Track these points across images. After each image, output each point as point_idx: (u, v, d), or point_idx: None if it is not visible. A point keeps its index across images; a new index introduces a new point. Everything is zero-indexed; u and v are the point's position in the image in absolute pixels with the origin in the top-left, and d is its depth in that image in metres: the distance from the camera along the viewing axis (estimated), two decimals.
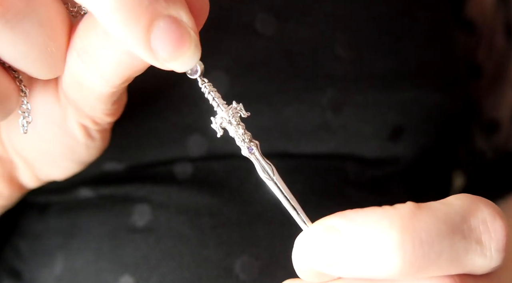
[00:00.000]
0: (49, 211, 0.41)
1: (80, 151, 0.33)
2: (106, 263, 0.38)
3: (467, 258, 0.26)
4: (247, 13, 0.40)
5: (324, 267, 0.26)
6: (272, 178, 0.28)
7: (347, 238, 0.26)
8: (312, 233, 0.26)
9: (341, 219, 0.26)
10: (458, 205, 0.26)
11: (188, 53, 0.25)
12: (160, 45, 0.25)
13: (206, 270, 0.38)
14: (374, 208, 0.26)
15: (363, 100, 0.41)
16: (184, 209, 0.39)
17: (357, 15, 0.42)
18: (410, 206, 0.26)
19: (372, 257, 0.25)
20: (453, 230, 0.25)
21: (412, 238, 0.25)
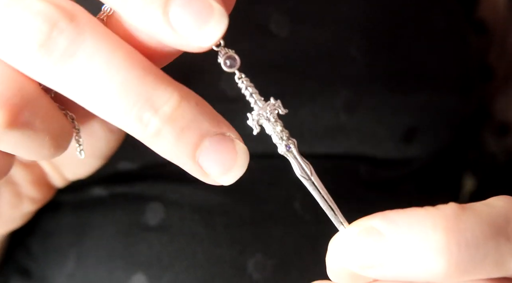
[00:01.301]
0: (61, 210, 0.41)
1: (102, 146, 0.33)
2: (118, 261, 0.39)
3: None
4: (262, 15, 0.40)
5: (363, 270, 0.26)
6: (310, 177, 0.28)
7: (388, 239, 0.25)
8: (351, 234, 0.26)
9: (382, 220, 0.25)
10: (500, 206, 0.26)
11: (211, 23, 0.25)
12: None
13: (219, 269, 0.38)
14: (416, 209, 0.25)
15: (377, 102, 0.41)
16: (197, 208, 0.39)
17: (371, 18, 0.42)
18: (453, 206, 0.25)
19: (415, 259, 0.25)
20: (498, 232, 0.25)
21: (458, 240, 0.24)
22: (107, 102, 0.24)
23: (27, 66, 0.25)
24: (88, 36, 0.24)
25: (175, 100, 0.25)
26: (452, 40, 0.45)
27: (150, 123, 0.24)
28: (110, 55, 0.24)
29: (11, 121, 0.24)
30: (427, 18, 0.44)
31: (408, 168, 0.43)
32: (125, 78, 0.24)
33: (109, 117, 0.25)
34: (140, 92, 0.24)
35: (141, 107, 0.24)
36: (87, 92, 0.24)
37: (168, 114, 0.24)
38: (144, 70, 0.25)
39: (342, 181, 0.41)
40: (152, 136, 0.25)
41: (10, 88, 0.24)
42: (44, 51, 0.24)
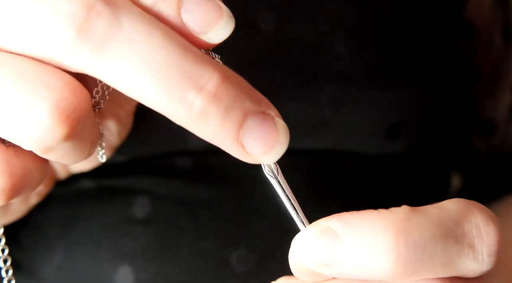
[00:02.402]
0: (49, 201, 0.41)
1: (113, 139, 0.34)
2: (105, 253, 0.39)
3: (460, 262, 0.26)
4: (249, 10, 0.40)
5: (320, 268, 0.26)
6: (276, 176, 0.28)
7: (343, 239, 0.26)
8: (309, 234, 0.27)
9: (338, 221, 0.26)
10: (452, 210, 0.27)
11: (221, 23, 0.25)
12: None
13: (203, 261, 0.38)
14: (369, 211, 0.26)
15: (361, 98, 0.41)
16: (183, 202, 0.39)
17: (357, 14, 0.42)
18: (405, 209, 0.26)
19: (367, 259, 0.25)
20: (447, 234, 0.26)
21: (406, 241, 0.25)
22: (149, 84, 0.23)
23: (65, 56, 0.24)
24: (125, 17, 0.23)
25: (218, 78, 0.24)
26: (436, 38, 0.45)
27: (194, 103, 0.24)
28: (149, 35, 0.23)
29: (69, 134, 0.24)
30: (412, 16, 0.44)
31: (393, 164, 0.44)
32: (166, 57, 0.23)
33: (152, 101, 0.24)
34: (182, 71, 0.23)
35: (185, 86, 0.23)
36: (129, 76, 0.23)
37: (212, 93, 0.24)
38: (184, 48, 0.24)
39: (326, 176, 0.41)
40: (196, 117, 0.24)
41: (71, 102, 0.24)
42: (82, 37, 0.23)
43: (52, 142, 0.24)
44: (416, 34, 0.44)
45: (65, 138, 0.24)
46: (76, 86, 0.24)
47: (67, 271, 0.40)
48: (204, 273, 0.38)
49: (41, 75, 0.24)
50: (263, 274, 0.38)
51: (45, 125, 0.24)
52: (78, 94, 0.24)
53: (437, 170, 0.48)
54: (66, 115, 0.24)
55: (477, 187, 0.56)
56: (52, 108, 0.23)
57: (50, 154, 0.25)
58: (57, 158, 0.26)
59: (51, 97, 0.24)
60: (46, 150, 0.25)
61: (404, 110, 0.42)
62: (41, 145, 0.24)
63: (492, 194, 0.53)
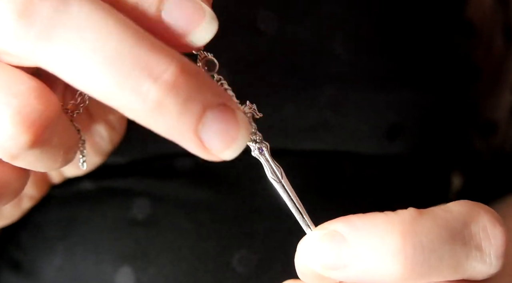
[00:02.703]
0: (50, 203, 0.41)
1: (104, 144, 0.34)
2: (105, 254, 0.39)
3: (467, 264, 0.26)
4: (249, 12, 0.40)
5: (326, 271, 0.26)
6: (280, 180, 0.28)
7: (349, 243, 0.26)
8: (316, 237, 0.26)
9: (344, 224, 0.26)
10: (458, 212, 0.26)
11: (203, 25, 0.24)
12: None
13: (204, 263, 0.38)
14: (376, 214, 0.26)
15: (361, 99, 0.41)
16: (183, 203, 0.39)
17: (357, 16, 0.42)
18: (411, 211, 0.26)
19: (374, 262, 0.25)
20: (454, 236, 0.26)
21: (413, 244, 0.25)
22: (99, 73, 0.22)
23: (8, 43, 0.22)
24: (74, 2, 0.22)
25: (176, 67, 0.22)
26: (436, 38, 0.45)
27: (149, 94, 0.22)
28: (100, 20, 0.22)
29: (35, 141, 0.23)
30: (412, 17, 0.44)
31: (393, 165, 0.44)
32: (118, 45, 0.22)
33: (102, 93, 0.22)
34: (136, 60, 0.22)
35: (138, 76, 0.22)
36: (78, 65, 0.22)
37: (170, 83, 0.22)
38: (139, 36, 0.22)
39: (326, 178, 0.41)
40: (152, 109, 0.22)
41: (36, 108, 0.23)
42: (25, 21, 0.22)
43: (16, 149, 0.23)
44: (415, 35, 0.44)
45: (30, 145, 0.23)
46: (43, 91, 0.23)
47: (68, 272, 0.40)
48: (205, 275, 0.38)
49: (4, 80, 0.23)
50: (265, 276, 0.38)
51: (8, 132, 0.23)
52: (44, 99, 0.23)
53: (437, 171, 0.48)
54: (30, 122, 0.23)
55: (477, 188, 0.56)
56: (15, 115, 0.23)
57: (18, 161, 0.24)
58: (27, 165, 0.25)
59: (14, 102, 0.23)
60: (12, 157, 0.24)
61: (404, 111, 0.42)
62: (6, 152, 0.24)
63: (492, 194, 0.53)
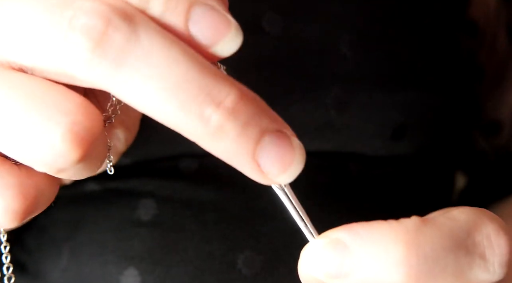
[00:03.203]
0: (55, 204, 0.41)
1: (119, 145, 0.34)
2: (111, 255, 0.39)
3: (471, 273, 0.26)
4: (254, 12, 0.41)
5: (330, 279, 0.26)
6: (283, 188, 0.28)
7: (352, 251, 0.26)
8: (319, 245, 0.27)
9: (347, 232, 0.26)
10: (462, 220, 0.26)
11: (229, 36, 0.25)
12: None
13: (209, 264, 0.38)
14: (379, 222, 0.26)
15: (367, 99, 0.41)
16: (188, 204, 0.39)
17: (362, 16, 0.42)
18: (415, 220, 0.26)
19: (377, 271, 0.25)
20: (458, 245, 0.26)
21: (417, 253, 0.25)
22: (166, 99, 0.23)
23: (81, 71, 0.23)
24: (143, 32, 0.23)
25: (236, 94, 0.24)
26: (441, 39, 0.45)
27: (211, 119, 0.23)
28: (167, 50, 0.23)
29: (83, 156, 0.24)
30: (417, 17, 0.44)
31: (398, 166, 0.44)
32: (184, 73, 0.23)
33: (168, 117, 0.24)
34: (200, 87, 0.23)
35: (202, 101, 0.23)
36: (146, 91, 0.23)
37: (230, 109, 0.23)
38: (202, 64, 0.24)
39: (332, 178, 0.42)
40: (213, 133, 0.23)
41: (85, 126, 0.24)
42: (100, 51, 0.23)
43: (65, 165, 0.24)
44: (420, 35, 0.44)
45: (78, 161, 0.24)
46: (89, 108, 0.24)
47: (73, 274, 0.40)
48: (210, 276, 0.38)
49: (54, 98, 0.24)
50: (270, 277, 0.38)
51: (59, 149, 0.23)
52: (91, 116, 0.24)
53: (441, 171, 0.48)
54: (80, 139, 0.23)
55: (481, 187, 0.56)
56: (66, 133, 0.23)
57: (62, 174, 0.25)
58: (68, 176, 0.26)
59: (65, 121, 0.23)
60: (58, 171, 0.25)
61: (409, 111, 0.42)
62: (54, 168, 0.24)
63: (496, 194, 0.53)
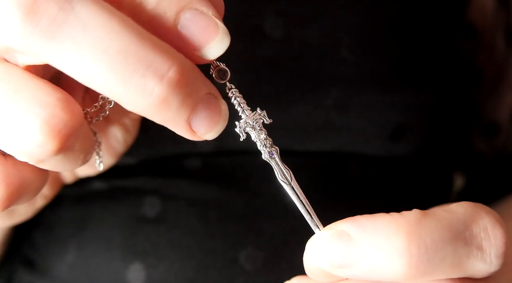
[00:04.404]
0: (62, 202, 0.42)
1: (118, 146, 0.35)
2: (117, 251, 0.40)
3: (469, 263, 0.27)
4: (256, 16, 0.41)
5: (334, 269, 0.27)
6: (290, 182, 0.29)
7: (356, 242, 0.27)
8: (324, 237, 0.27)
9: (351, 224, 0.27)
10: (461, 213, 0.27)
11: (216, 39, 0.25)
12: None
13: (212, 260, 0.39)
14: (382, 215, 0.27)
15: (366, 100, 0.42)
16: (192, 202, 0.40)
17: (361, 19, 0.43)
18: (416, 213, 0.27)
19: (380, 261, 0.26)
20: (456, 237, 0.27)
21: (418, 244, 0.26)
22: (105, 70, 0.23)
23: (15, 41, 0.23)
24: (78, 2, 0.23)
25: (178, 67, 0.24)
26: (439, 41, 0.46)
27: (154, 91, 0.23)
28: (105, 20, 0.23)
29: (60, 148, 0.25)
30: (415, 20, 0.45)
31: (397, 166, 0.44)
32: (124, 44, 0.23)
33: (107, 88, 0.24)
34: (140, 58, 0.23)
35: (144, 74, 0.23)
36: (83, 62, 0.23)
37: (174, 82, 0.24)
38: (142, 36, 0.23)
39: (332, 178, 0.42)
40: (156, 104, 0.24)
41: (62, 118, 0.24)
42: (30, 19, 0.22)
43: (43, 155, 0.25)
44: (419, 38, 0.45)
45: (56, 152, 0.25)
46: (68, 102, 0.25)
47: (80, 269, 0.41)
48: (213, 271, 0.39)
49: (34, 91, 0.24)
50: (271, 272, 0.39)
51: (37, 140, 0.24)
52: (69, 110, 0.25)
53: (440, 171, 0.48)
54: (57, 131, 0.24)
55: (479, 188, 0.57)
56: (43, 124, 0.24)
57: (43, 164, 0.26)
58: (50, 167, 0.27)
59: (43, 113, 0.24)
60: (38, 161, 0.25)
61: (408, 113, 0.43)
62: (33, 157, 0.25)
63: (494, 194, 0.54)
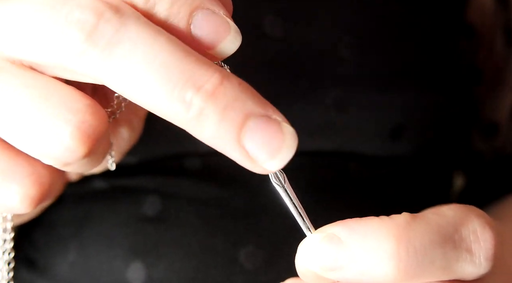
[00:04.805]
0: (63, 201, 0.42)
1: (123, 145, 0.35)
2: (118, 250, 0.40)
3: (458, 266, 0.27)
4: (256, 15, 0.41)
5: (325, 272, 0.28)
6: (283, 185, 0.29)
7: (346, 245, 0.27)
8: (315, 240, 0.28)
9: (342, 227, 0.27)
10: (450, 216, 0.28)
11: (229, 37, 0.26)
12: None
13: (212, 258, 0.39)
14: (372, 218, 0.27)
15: (366, 100, 0.42)
16: (192, 201, 0.40)
17: (361, 19, 0.43)
18: (405, 216, 0.27)
19: (370, 264, 0.26)
20: (445, 240, 0.27)
21: (407, 247, 0.26)
22: (150, 84, 0.24)
23: (74, 61, 0.25)
24: (132, 23, 0.24)
25: (217, 78, 0.24)
26: (439, 41, 0.46)
27: (192, 103, 0.24)
28: (152, 39, 0.24)
29: (88, 152, 0.25)
30: (415, 20, 0.45)
31: (396, 165, 0.44)
32: (168, 58, 0.24)
33: (152, 102, 0.24)
34: (182, 72, 0.24)
35: (184, 86, 0.24)
36: (131, 78, 0.24)
37: (210, 92, 0.24)
38: (185, 52, 0.24)
39: (332, 177, 0.42)
40: (195, 117, 0.24)
41: (91, 124, 0.25)
42: (91, 40, 0.24)
43: (72, 159, 0.26)
44: (418, 38, 0.45)
45: (84, 156, 0.26)
46: (96, 108, 0.26)
47: (81, 268, 0.41)
48: (213, 270, 0.39)
49: (65, 98, 0.25)
50: (271, 271, 0.39)
51: (68, 145, 0.25)
52: (97, 115, 0.25)
53: (440, 171, 0.48)
54: (87, 136, 0.25)
55: (479, 188, 0.57)
56: (74, 130, 0.25)
57: (67, 167, 0.27)
58: (72, 169, 0.27)
59: (74, 119, 0.25)
60: (64, 165, 0.26)
61: (408, 112, 0.43)
62: (61, 162, 0.26)
63: (494, 194, 0.54)
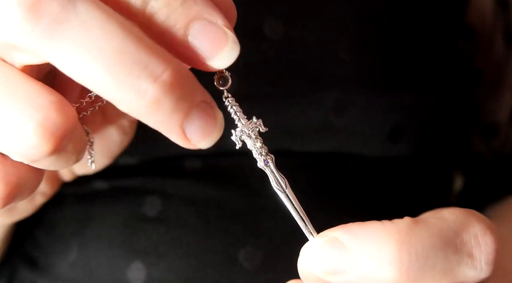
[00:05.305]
0: (65, 202, 0.43)
1: (114, 147, 0.35)
2: (118, 250, 0.40)
3: (459, 270, 0.27)
4: (256, 18, 0.42)
5: (327, 276, 0.28)
6: (285, 190, 0.29)
7: (348, 249, 0.27)
8: (318, 244, 0.28)
9: (344, 232, 0.27)
10: (451, 220, 0.28)
11: (225, 49, 0.26)
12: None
13: (211, 258, 0.39)
14: (374, 222, 0.27)
15: (364, 102, 0.42)
16: (192, 201, 0.41)
17: (360, 21, 0.43)
18: (407, 221, 0.27)
19: (372, 268, 0.27)
20: (447, 244, 0.27)
21: (409, 251, 0.26)
22: (101, 70, 0.23)
23: (16, 38, 0.23)
24: (81, 2, 0.23)
25: (173, 70, 0.24)
26: (438, 42, 0.46)
27: (148, 92, 0.23)
28: (104, 22, 0.23)
29: (54, 150, 0.25)
30: (414, 22, 0.45)
31: (395, 166, 0.45)
32: (121, 45, 0.23)
33: (102, 88, 0.24)
34: (136, 60, 0.23)
35: (139, 75, 0.23)
36: (81, 61, 0.23)
37: (168, 84, 0.24)
38: (139, 39, 0.24)
39: (331, 178, 0.43)
40: (149, 106, 0.24)
41: (56, 121, 0.25)
42: (32, 17, 0.23)
43: (37, 156, 0.25)
44: (418, 39, 0.45)
45: (49, 154, 0.25)
46: (62, 104, 0.25)
47: (81, 268, 0.41)
48: (212, 269, 0.39)
49: (29, 94, 0.25)
50: (270, 271, 0.40)
51: (31, 142, 0.25)
52: (63, 113, 0.25)
53: (439, 172, 0.49)
54: (50, 134, 0.25)
55: (478, 189, 0.57)
56: (37, 127, 0.24)
57: (37, 164, 0.27)
58: (43, 166, 0.27)
59: (37, 116, 0.24)
60: (32, 161, 0.26)
61: (406, 114, 0.43)
62: (27, 158, 0.26)
63: (493, 195, 0.54)
